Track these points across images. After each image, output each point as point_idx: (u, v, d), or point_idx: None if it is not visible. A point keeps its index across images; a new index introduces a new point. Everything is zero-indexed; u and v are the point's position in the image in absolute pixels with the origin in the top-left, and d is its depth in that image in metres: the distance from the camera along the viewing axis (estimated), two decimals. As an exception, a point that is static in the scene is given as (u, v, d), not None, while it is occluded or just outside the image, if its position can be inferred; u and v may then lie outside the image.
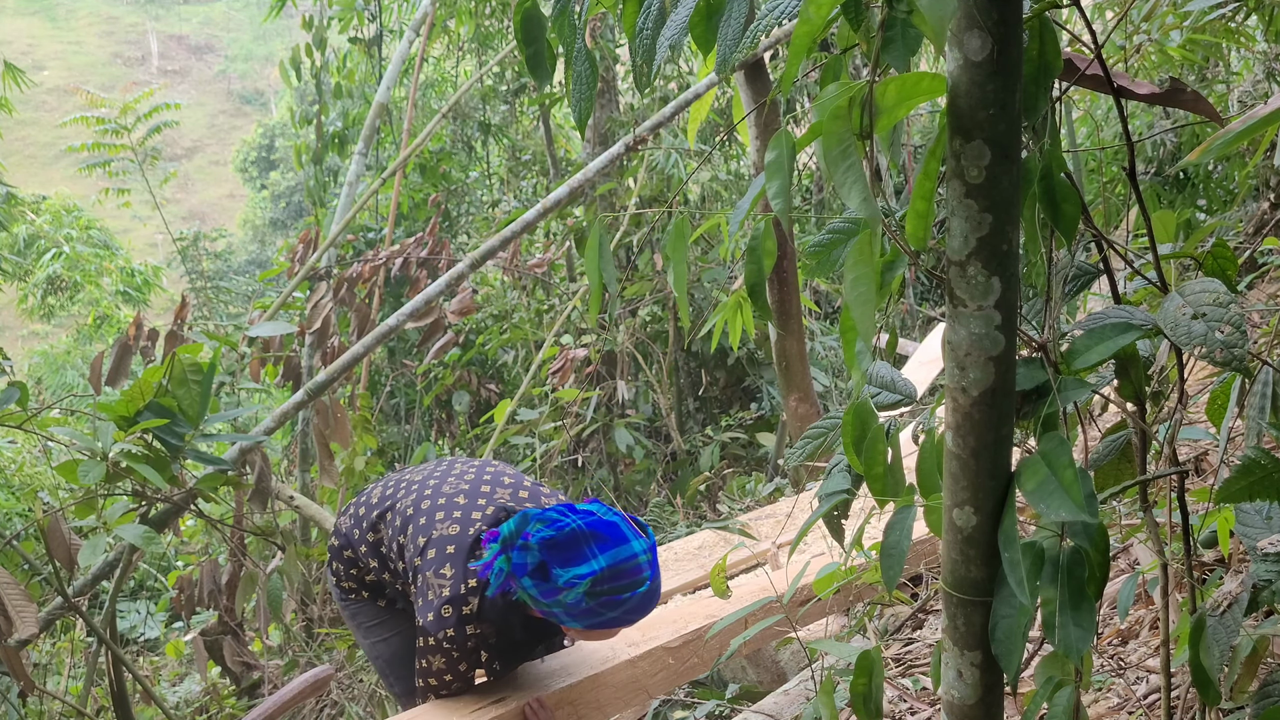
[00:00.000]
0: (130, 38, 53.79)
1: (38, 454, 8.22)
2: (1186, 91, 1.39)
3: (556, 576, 2.27)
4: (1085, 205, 1.30)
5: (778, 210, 1.21)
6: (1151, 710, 2.02)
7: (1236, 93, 4.43)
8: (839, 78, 1.23)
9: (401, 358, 8.79)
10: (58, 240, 13.04)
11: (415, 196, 9.20)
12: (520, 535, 2.30)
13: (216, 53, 54.26)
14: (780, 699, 2.93)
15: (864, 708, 1.54)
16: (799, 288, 4.54)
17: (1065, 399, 1.24)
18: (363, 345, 4.97)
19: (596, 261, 1.52)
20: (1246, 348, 1.13)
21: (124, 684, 4.14)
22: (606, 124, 7.93)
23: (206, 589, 4.60)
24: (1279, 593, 1.35)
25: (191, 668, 6.51)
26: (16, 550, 3.80)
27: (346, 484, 7.15)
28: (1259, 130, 1.33)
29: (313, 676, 3.40)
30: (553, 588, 2.28)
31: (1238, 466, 1.27)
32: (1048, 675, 1.32)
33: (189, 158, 45.68)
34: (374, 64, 8.92)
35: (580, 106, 1.51)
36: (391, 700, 5.29)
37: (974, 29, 1.04)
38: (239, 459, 4.28)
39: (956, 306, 1.14)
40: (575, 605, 2.28)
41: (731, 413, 7.50)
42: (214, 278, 14.74)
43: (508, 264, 7.45)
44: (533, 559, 2.28)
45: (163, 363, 3.56)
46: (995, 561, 1.20)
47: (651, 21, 1.39)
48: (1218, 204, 4.42)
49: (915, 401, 1.55)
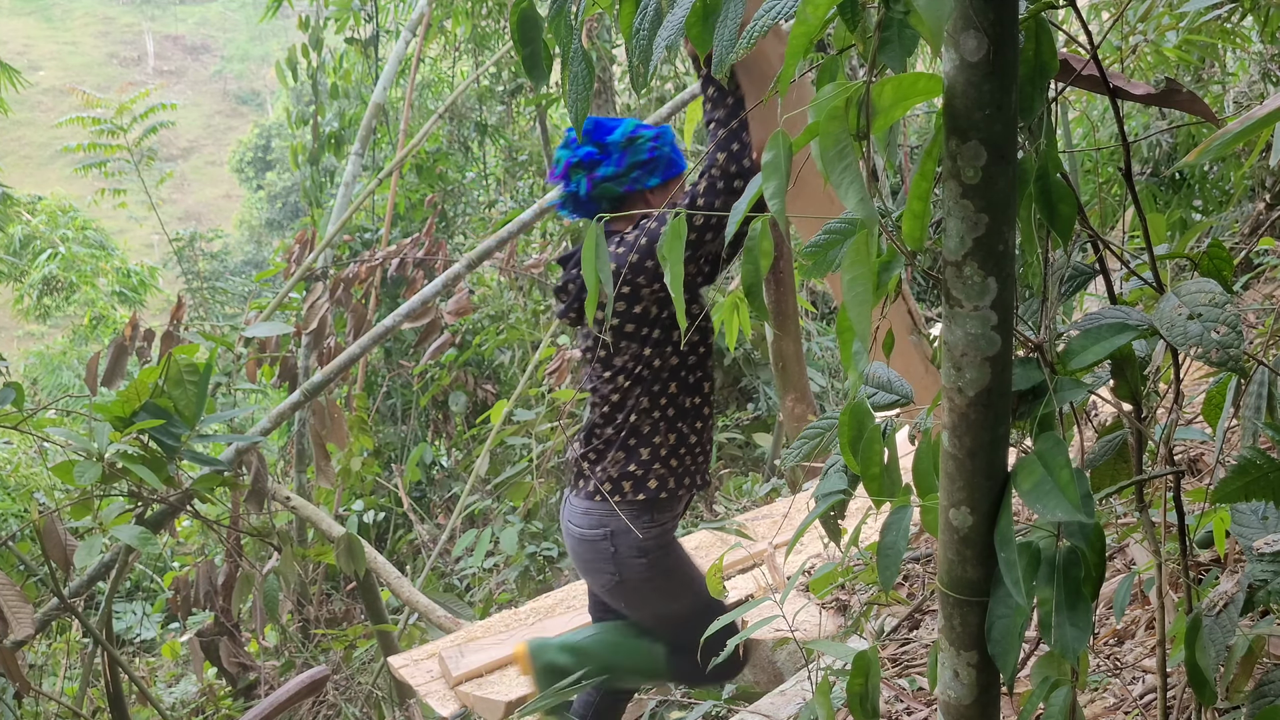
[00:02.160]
0: (126, 38, 53.74)
1: (33, 455, 8.21)
2: (1182, 92, 1.39)
3: (610, 146, 2.58)
4: (1081, 206, 1.30)
5: (774, 210, 1.21)
6: (1148, 710, 2.02)
7: (1232, 93, 4.43)
8: (836, 78, 1.23)
9: (398, 358, 8.78)
10: (53, 241, 13.02)
11: (412, 197, 9.19)
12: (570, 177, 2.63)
13: (213, 53, 54.22)
14: (777, 699, 2.93)
15: (861, 708, 1.54)
16: (795, 288, 4.55)
17: (1061, 399, 1.24)
18: (359, 346, 4.96)
19: (593, 262, 1.51)
20: (1242, 348, 1.13)
21: (120, 685, 4.14)
22: (603, 124, 7.92)
23: (203, 590, 4.59)
24: (1275, 592, 1.35)
25: (188, 669, 6.50)
26: (12, 551, 3.80)
27: (343, 484, 7.15)
28: (1255, 131, 1.33)
29: (309, 677, 3.40)
30: (615, 154, 2.56)
31: (1234, 466, 1.27)
32: (1044, 675, 1.32)
33: (185, 158, 45.63)
34: (370, 64, 8.92)
35: (576, 107, 1.51)
36: (388, 701, 5.28)
37: (970, 29, 1.04)
38: (235, 460, 4.28)
39: (953, 307, 1.14)
40: (639, 153, 2.53)
41: (728, 413, 7.51)
42: (210, 278, 14.73)
43: (504, 264, 7.45)
44: (584, 154, 2.58)
45: (159, 363, 3.56)
46: (991, 562, 1.20)
47: (648, 22, 1.39)
48: (1213, 205, 4.43)
49: (911, 402, 1.55)
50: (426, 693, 3.80)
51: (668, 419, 2.59)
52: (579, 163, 2.60)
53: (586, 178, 2.59)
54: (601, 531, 2.60)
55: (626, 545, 2.59)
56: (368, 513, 7.97)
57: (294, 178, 23.58)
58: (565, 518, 2.73)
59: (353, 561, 4.63)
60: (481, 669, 3.78)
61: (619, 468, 2.59)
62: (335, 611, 6.51)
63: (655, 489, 2.59)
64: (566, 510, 2.73)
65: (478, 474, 6.76)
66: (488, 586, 6.77)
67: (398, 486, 7.87)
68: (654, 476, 2.59)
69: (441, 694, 3.78)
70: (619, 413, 2.59)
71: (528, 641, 2.92)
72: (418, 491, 8.56)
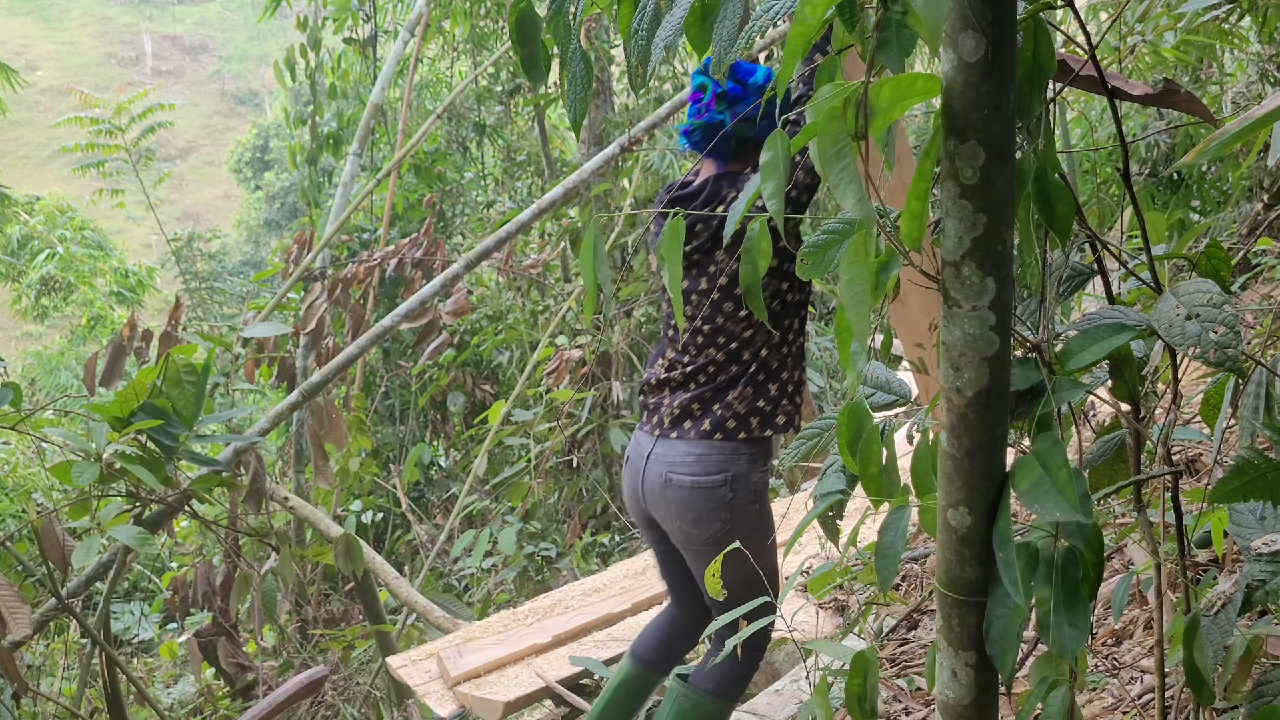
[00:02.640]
0: (124, 38, 53.70)
1: (32, 455, 8.20)
2: (1180, 92, 1.40)
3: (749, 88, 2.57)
4: (1079, 206, 1.30)
5: (773, 211, 1.21)
6: (1146, 710, 2.02)
7: (1230, 94, 4.43)
8: (834, 78, 1.24)
9: (396, 358, 8.78)
10: (51, 241, 13.01)
11: (410, 197, 9.19)
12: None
13: (211, 53, 54.19)
14: (773, 698, 2.93)
15: (859, 708, 1.54)
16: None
17: (1060, 399, 1.24)
18: (357, 346, 4.96)
19: (591, 262, 1.51)
20: (1240, 348, 1.13)
21: (118, 685, 4.14)
22: (601, 125, 7.93)
23: (201, 590, 4.59)
24: (1273, 593, 1.35)
25: (186, 669, 6.49)
26: (10, 551, 3.79)
27: (341, 485, 7.15)
28: (1253, 132, 1.34)
29: (308, 678, 3.39)
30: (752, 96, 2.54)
31: (1232, 467, 1.27)
32: (1042, 675, 1.32)
33: (183, 158, 45.60)
34: (369, 64, 8.92)
35: (575, 107, 1.51)
36: (386, 702, 5.28)
37: (968, 30, 1.04)
38: (233, 460, 4.28)
39: (951, 307, 1.14)
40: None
41: (727, 413, 7.49)
42: (208, 278, 14.72)
43: (503, 265, 7.45)
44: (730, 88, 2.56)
45: (157, 364, 3.55)
46: (990, 562, 1.20)
47: (647, 22, 1.39)
48: (1212, 205, 4.43)
49: (910, 402, 1.55)
50: (425, 693, 3.80)
51: (793, 355, 2.59)
52: (724, 94, 2.56)
53: (730, 111, 2.56)
54: (721, 476, 2.50)
55: (744, 490, 2.51)
56: (366, 513, 7.97)
57: (292, 178, 23.58)
58: (663, 467, 2.56)
59: (351, 562, 4.63)
60: (480, 669, 3.78)
61: (747, 404, 2.52)
62: (333, 612, 6.51)
63: (783, 424, 2.57)
64: (663, 458, 2.57)
65: (476, 474, 6.76)
66: (486, 587, 6.77)
67: (396, 487, 7.87)
68: (781, 412, 2.56)
69: (440, 694, 3.78)
70: (747, 349, 2.53)
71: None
72: (416, 492, 8.56)
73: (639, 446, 2.65)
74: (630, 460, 2.68)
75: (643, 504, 2.64)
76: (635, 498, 2.66)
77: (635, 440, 2.69)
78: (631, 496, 2.68)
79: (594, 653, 3.81)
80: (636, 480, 2.63)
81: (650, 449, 2.59)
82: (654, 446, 2.59)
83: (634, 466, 2.65)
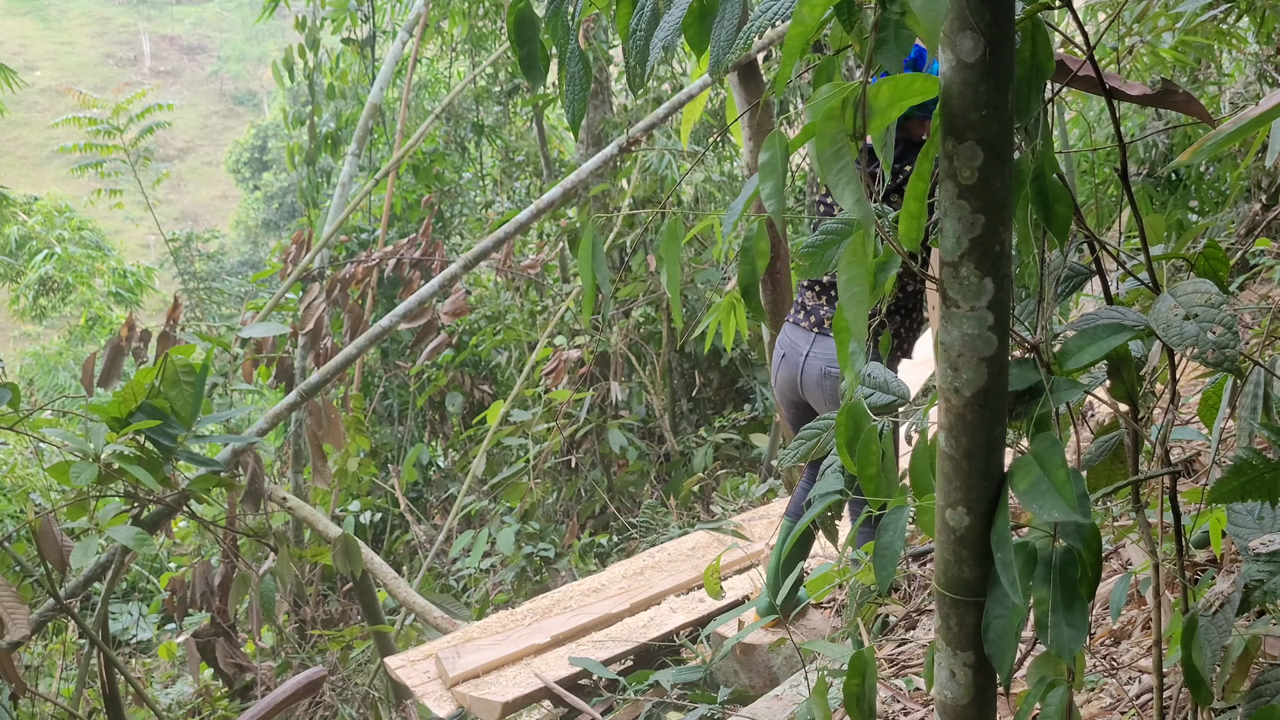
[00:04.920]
0: (122, 38, 53.65)
1: (29, 455, 8.19)
2: (1178, 93, 1.40)
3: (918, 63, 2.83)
4: (1077, 206, 1.30)
5: (771, 211, 1.21)
6: (1144, 710, 2.02)
7: (1228, 94, 4.43)
8: (832, 79, 1.24)
9: (395, 359, 8.78)
10: (49, 241, 12.99)
11: (408, 197, 9.19)
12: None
13: (209, 53, 54.14)
14: (772, 703, 2.93)
15: (857, 708, 1.54)
16: (792, 289, 4.54)
17: (1058, 400, 1.24)
18: (356, 346, 4.96)
19: (590, 262, 1.51)
20: (1238, 348, 1.13)
21: (116, 686, 4.13)
22: (600, 125, 7.93)
23: (199, 590, 4.59)
24: (1271, 593, 1.35)
25: (184, 669, 6.49)
26: (8, 552, 3.79)
27: (339, 485, 7.14)
28: (1250, 131, 1.34)
29: (306, 678, 3.39)
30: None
31: (1230, 467, 1.28)
32: (1040, 675, 1.32)
33: (181, 159, 45.56)
34: (367, 65, 8.92)
35: (573, 107, 1.51)
36: (384, 702, 5.28)
37: (966, 30, 1.04)
38: (232, 460, 4.27)
39: (949, 307, 1.14)
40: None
41: (725, 414, 7.51)
42: (206, 279, 14.72)
43: (501, 265, 7.45)
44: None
45: (155, 364, 3.55)
46: (988, 562, 1.20)
47: (645, 22, 1.39)
48: (1209, 205, 4.43)
49: (908, 402, 1.55)
50: (423, 693, 3.80)
51: (921, 304, 3.10)
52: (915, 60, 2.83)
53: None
54: None
55: None
56: (364, 513, 7.97)
57: (290, 178, 23.55)
58: (823, 362, 3.04)
59: (349, 562, 4.63)
60: (478, 669, 3.78)
61: (894, 325, 3.04)
62: (332, 612, 6.51)
63: (906, 351, 3.13)
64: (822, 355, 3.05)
65: (474, 474, 6.76)
66: (484, 587, 6.77)
67: (394, 487, 7.87)
68: (908, 342, 3.11)
69: (438, 694, 3.78)
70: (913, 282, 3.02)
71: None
72: (414, 492, 8.56)
73: (796, 343, 3.13)
74: (787, 355, 3.17)
75: (800, 393, 3.13)
76: (793, 387, 3.15)
77: (790, 336, 3.16)
78: (789, 385, 3.17)
79: (592, 653, 3.81)
80: (795, 372, 3.13)
81: (810, 347, 3.09)
82: (813, 345, 3.08)
83: (792, 361, 3.14)
